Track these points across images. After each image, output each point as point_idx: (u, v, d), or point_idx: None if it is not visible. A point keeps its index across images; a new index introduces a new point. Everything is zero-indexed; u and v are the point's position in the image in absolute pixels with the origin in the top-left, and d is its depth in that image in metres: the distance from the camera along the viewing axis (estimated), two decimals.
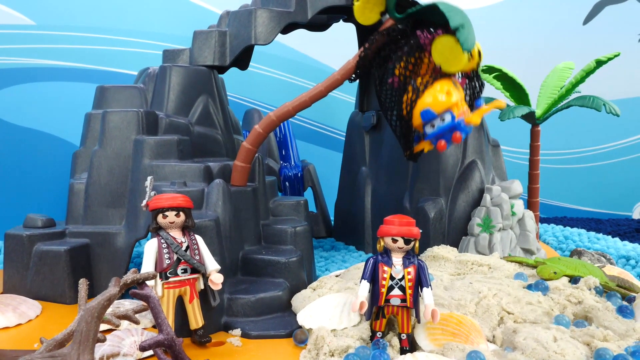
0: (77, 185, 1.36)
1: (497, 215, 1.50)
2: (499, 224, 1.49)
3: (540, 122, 1.80)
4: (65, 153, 1.99)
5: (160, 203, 0.97)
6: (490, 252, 1.49)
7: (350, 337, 0.95)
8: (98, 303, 0.67)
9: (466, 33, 0.98)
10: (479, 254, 1.46)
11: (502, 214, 1.50)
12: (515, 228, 1.54)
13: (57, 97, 2.10)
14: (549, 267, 1.25)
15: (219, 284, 1.00)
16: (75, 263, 1.24)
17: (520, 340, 0.94)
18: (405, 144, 1.19)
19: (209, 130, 1.50)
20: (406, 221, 0.95)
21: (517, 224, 1.55)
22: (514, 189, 1.54)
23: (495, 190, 1.53)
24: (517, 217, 1.53)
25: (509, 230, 1.52)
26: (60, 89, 2.11)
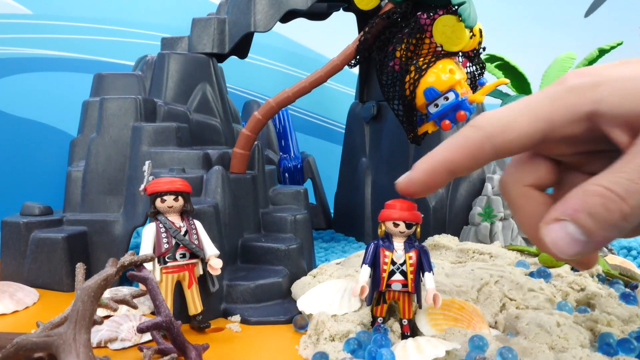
0: (74, 173, 1.35)
1: (499, 205, 1.49)
2: (500, 213, 1.48)
3: None
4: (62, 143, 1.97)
5: (159, 187, 0.96)
6: (492, 241, 1.47)
7: (351, 322, 0.94)
8: (95, 282, 0.66)
9: (468, 9, 0.97)
10: (480, 243, 1.44)
11: (504, 203, 1.49)
12: None
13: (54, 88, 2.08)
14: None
15: (218, 269, 0.99)
16: (73, 251, 1.23)
17: (523, 325, 0.93)
18: (408, 126, 1.18)
19: (208, 118, 1.49)
20: (407, 205, 0.93)
21: None
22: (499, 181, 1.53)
23: (496, 180, 1.52)
24: None
25: (510, 220, 1.51)
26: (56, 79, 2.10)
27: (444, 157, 0.63)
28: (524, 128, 0.55)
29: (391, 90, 1.20)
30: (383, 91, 1.23)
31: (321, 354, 0.85)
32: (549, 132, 0.55)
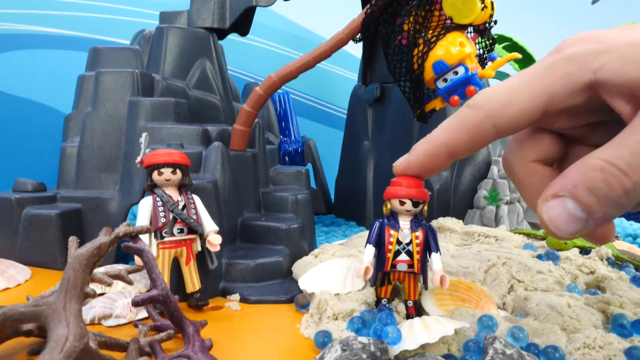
0: (69, 149, 1.30)
1: (505, 188, 1.45)
2: (506, 197, 1.45)
3: None
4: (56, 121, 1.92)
5: (156, 159, 0.92)
6: (497, 225, 1.44)
7: (354, 301, 0.90)
8: (87, 250, 0.62)
9: None
10: (485, 227, 1.41)
11: (510, 186, 1.45)
12: (522, 201, 1.50)
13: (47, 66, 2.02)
14: None
15: (217, 245, 0.95)
16: (67, 228, 1.19)
17: (533, 306, 0.90)
18: (415, 103, 1.14)
19: (207, 95, 1.44)
20: (415, 182, 0.87)
21: None
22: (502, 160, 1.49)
23: None
24: None
25: (516, 204, 1.48)
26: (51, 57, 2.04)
27: (443, 139, 0.62)
28: (524, 104, 0.53)
29: (398, 65, 1.16)
30: (389, 66, 1.19)
31: (324, 333, 0.81)
32: (549, 105, 0.53)
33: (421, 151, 0.67)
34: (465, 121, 0.58)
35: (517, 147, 0.61)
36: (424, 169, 0.69)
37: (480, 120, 0.56)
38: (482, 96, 0.57)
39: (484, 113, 0.55)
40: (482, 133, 0.56)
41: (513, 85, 0.55)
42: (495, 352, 0.71)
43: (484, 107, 0.56)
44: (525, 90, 0.54)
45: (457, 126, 0.59)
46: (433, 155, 0.64)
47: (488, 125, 0.55)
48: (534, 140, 0.59)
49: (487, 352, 0.72)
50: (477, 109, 0.56)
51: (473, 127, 0.57)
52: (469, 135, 0.58)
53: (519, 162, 0.60)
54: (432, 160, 0.65)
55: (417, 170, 0.71)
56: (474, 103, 0.57)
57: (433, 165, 0.66)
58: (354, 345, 0.71)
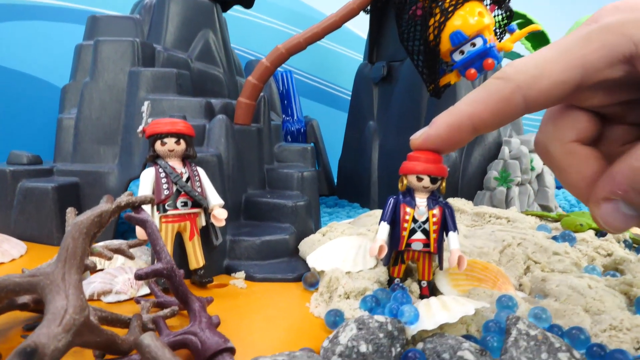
0: (66, 121, 1.25)
1: (516, 169, 1.41)
2: (517, 178, 1.41)
3: None
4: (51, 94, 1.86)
5: (159, 128, 0.87)
6: (507, 207, 1.40)
7: (366, 279, 0.86)
8: (87, 218, 0.57)
9: None
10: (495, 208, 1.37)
11: (521, 167, 1.41)
12: (534, 183, 1.46)
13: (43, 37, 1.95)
14: (575, 220, 1.17)
15: (222, 219, 0.91)
16: (63, 202, 1.14)
17: (553, 287, 0.86)
18: (429, 76, 1.09)
19: (210, 67, 1.39)
20: (433, 157, 0.80)
21: (535, 179, 1.46)
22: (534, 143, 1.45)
23: (514, 143, 1.44)
24: (536, 172, 1.45)
25: (527, 185, 1.44)
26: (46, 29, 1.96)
27: (467, 112, 0.58)
28: (558, 75, 0.50)
29: (411, 36, 1.11)
30: (401, 38, 1.14)
31: (335, 312, 0.77)
32: (584, 78, 0.50)
33: (443, 124, 0.63)
34: (492, 93, 0.54)
35: (552, 128, 0.57)
36: (445, 143, 0.65)
37: (510, 93, 0.53)
38: (512, 67, 0.54)
39: (514, 85, 0.52)
40: (511, 107, 0.53)
41: (545, 56, 0.52)
42: (518, 332, 0.68)
43: (514, 78, 0.53)
44: (558, 61, 0.50)
45: (483, 99, 0.56)
46: (455, 129, 0.61)
47: (517, 98, 0.52)
48: (570, 119, 0.56)
49: (510, 332, 0.68)
50: (507, 80, 0.53)
51: (501, 100, 0.54)
52: (496, 109, 0.55)
53: (556, 144, 0.56)
54: (454, 134, 0.62)
55: (436, 144, 0.67)
56: (503, 74, 0.54)
57: (455, 139, 0.63)
58: (370, 324, 0.67)
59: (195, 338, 0.63)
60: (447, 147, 0.68)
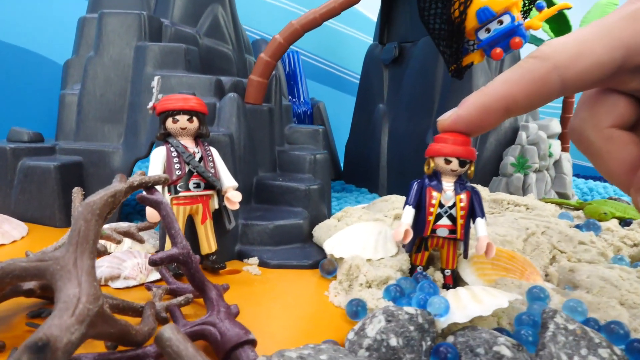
0: (68, 97, 1.19)
1: (534, 155, 1.36)
2: (535, 164, 1.36)
3: None
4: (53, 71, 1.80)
5: (171, 104, 0.82)
6: (524, 194, 1.36)
7: (389, 267, 0.82)
8: (100, 198, 0.53)
9: None
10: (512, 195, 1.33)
11: (539, 153, 1.37)
12: (551, 170, 1.42)
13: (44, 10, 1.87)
14: (598, 208, 1.12)
15: (236, 203, 0.86)
16: (66, 182, 1.09)
17: (583, 278, 0.82)
18: (451, 56, 1.04)
19: (219, 44, 1.33)
20: (462, 139, 0.76)
21: (552, 165, 1.42)
22: (553, 128, 1.41)
23: (532, 128, 1.39)
24: (553, 158, 1.40)
25: (544, 172, 1.39)
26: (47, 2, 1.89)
27: (500, 92, 0.55)
28: (599, 56, 0.48)
29: (432, 13, 1.05)
30: (422, 15, 1.08)
31: (357, 302, 0.73)
32: (627, 59, 0.47)
33: (473, 105, 0.60)
34: (528, 73, 0.52)
35: (589, 113, 0.54)
36: (475, 126, 0.62)
37: (546, 73, 0.50)
38: (549, 46, 0.51)
39: (551, 64, 0.50)
40: (547, 87, 0.51)
41: (586, 35, 0.49)
42: (556, 327, 0.64)
43: (551, 57, 0.50)
44: (599, 40, 0.48)
45: (518, 78, 0.53)
46: (487, 110, 0.58)
47: (554, 79, 0.50)
48: (609, 103, 0.53)
49: (547, 326, 0.64)
50: (543, 59, 0.51)
51: (537, 80, 0.51)
52: (531, 89, 0.52)
53: (594, 130, 0.54)
54: (485, 116, 0.59)
55: (466, 126, 0.64)
56: (540, 53, 0.51)
57: (486, 121, 0.60)
58: (400, 315, 0.63)
59: (214, 329, 0.59)
60: (477, 130, 0.65)
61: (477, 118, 0.60)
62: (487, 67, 1.46)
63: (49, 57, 1.83)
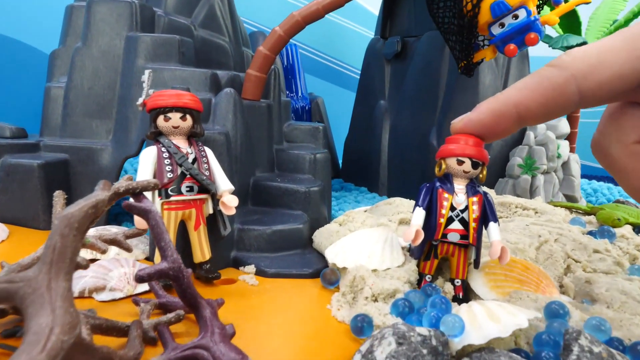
0: (54, 90, 1.13)
1: (542, 156, 1.31)
2: (543, 166, 1.31)
3: None
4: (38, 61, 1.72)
5: (162, 101, 0.76)
6: (532, 196, 1.31)
7: (396, 279, 0.76)
8: (80, 209, 0.47)
9: None
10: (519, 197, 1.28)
11: (547, 154, 1.31)
12: (559, 172, 1.36)
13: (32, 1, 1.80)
14: (611, 214, 1.07)
15: (232, 207, 0.80)
16: (51, 181, 1.03)
17: (602, 291, 0.77)
18: (461, 52, 0.98)
19: (216, 36, 1.26)
20: (474, 140, 0.72)
21: (560, 167, 1.37)
22: (561, 128, 1.35)
23: (540, 128, 1.34)
24: (562, 159, 1.35)
25: (552, 174, 1.34)
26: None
27: (514, 99, 0.54)
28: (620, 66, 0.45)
29: (441, 6, 0.99)
30: (430, 9, 1.02)
31: (363, 318, 0.67)
32: None
33: (486, 110, 0.59)
34: (544, 81, 0.50)
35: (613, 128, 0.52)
36: (487, 130, 0.62)
37: (563, 82, 0.48)
38: (569, 55, 0.49)
39: (569, 74, 0.48)
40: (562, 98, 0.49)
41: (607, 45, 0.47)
42: (581, 350, 0.58)
43: (570, 67, 0.48)
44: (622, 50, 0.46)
45: (533, 86, 0.52)
46: (499, 116, 0.57)
47: (571, 89, 0.48)
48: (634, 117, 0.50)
49: (571, 349, 0.59)
50: (561, 68, 0.48)
51: (553, 89, 0.49)
52: (545, 99, 0.50)
53: (619, 145, 0.51)
54: (497, 121, 0.58)
55: (478, 130, 0.64)
56: (559, 62, 0.49)
57: (498, 127, 0.59)
58: (412, 337, 0.57)
59: (207, 353, 0.53)
60: (489, 135, 0.65)
61: (488, 123, 0.59)
62: (495, 65, 1.41)
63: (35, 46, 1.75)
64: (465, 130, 0.67)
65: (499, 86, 1.41)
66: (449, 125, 1.56)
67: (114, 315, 0.67)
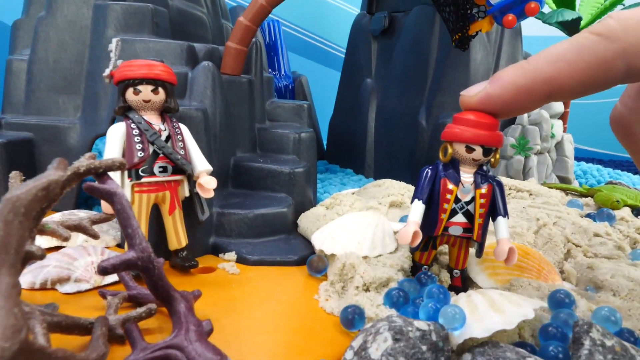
0: (16, 63, 1.04)
1: (535, 136, 1.26)
2: (537, 146, 1.26)
3: None
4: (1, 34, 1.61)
5: (132, 72, 0.68)
6: (525, 177, 1.26)
7: (389, 266, 0.71)
8: (27, 192, 0.40)
9: None
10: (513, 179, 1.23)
11: (541, 134, 1.27)
12: (552, 152, 1.32)
13: None
14: (610, 196, 1.03)
15: (210, 189, 0.73)
16: (14, 162, 0.95)
17: (607, 278, 0.73)
18: (456, 24, 0.92)
19: (192, 7, 1.18)
20: (488, 122, 0.60)
21: (554, 147, 1.32)
22: (555, 107, 1.31)
23: None
24: (555, 139, 1.30)
25: (545, 154, 1.29)
26: None
27: (548, 74, 0.45)
28: None
29: None
30: None
31: (354, 309, 0.62)
32: None
33: (510, 85, 0.50)
34: (586, 54, 0.42)
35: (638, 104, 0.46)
36: (508, 107, 0.53)
37: (611, 58, 0.40)
38: (620, 23, 0.40)
39: (620, 48, 0.40)
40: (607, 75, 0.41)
41: None
42: (592, 343, 0.54)
43: (623, 39, 0.40)
44: None
45: (572, 58, 0.43)
46: (526, 92, 0.48)
47: (619, 66, 0.40)
48: None
49: (582, 342, 0.54)
50: (611, 39, 0.41)
51: (598, 64, 0.41)
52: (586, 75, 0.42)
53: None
54: (522, 98, 0.49)
55: (497, 106, 0.54)
56: (607, 30, 0.41)
57: (522, 104, 0.50)
58: (409, 333, 0.52)
59: (181, 354, 0.47)
60: (509, 112, 0.56)
61: (511, 99, 0.51)
62: (487, 41, 1.35)
63: None
64: (481, 108, 0.56)
65: (490, 63, 1.35)
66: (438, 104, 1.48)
67: (79, 309, 0.61)
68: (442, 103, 1.37)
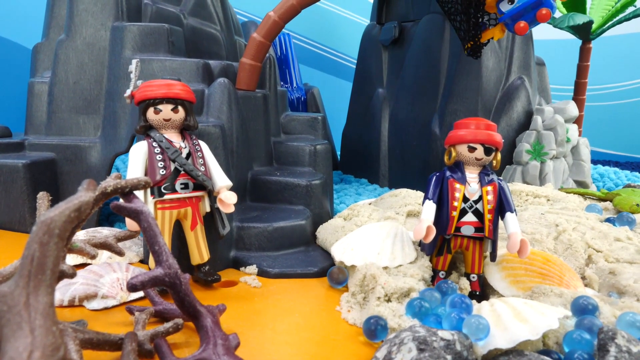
0: (38, 86, 1.06)
1: (551, 141, 1.26)
2: (552, 151, 1.26)
3: (593, 38, 1.54)
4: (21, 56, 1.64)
5: (152, 92, 0.70)
6: (542, 183, 1.26)
7: (409, 276, 0.71)
8: (61, 213, 0.41)
9: None
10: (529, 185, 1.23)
11: (556, 139, 1.26)
12: (569, 157, 1.31)
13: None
14: (629, 199, 1.02)
15: (231, 205, 0.74)
16: (37, 182, 0.97)
17: (630, 283, 0.72)
18: (467, 32, 0.93)
19: (206, 25, 1.20)
20: (485, 124, 0.71)
21: (570, 152, 1.32)
22: (570, 111, 1.30)
23: (547, 112, 1.29)
24: (571, 144, 1.30)
25: (561, 159, 1.29)
26: None
27: None
28: None
29: None
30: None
31: (377, 320, 0.62)
32: None
33: None
34: None
35: None
36: None
37: None
38: None
39: None
40: None
41: None
42: (618, 350, 0.54)
43: None
44: None
45: None
46: None
47: None
48: None
49: (607, 349, 0.54)
50: None
51: None
52: None
53: None
54: None
55: None
56: None
57: None
58: (434, 343, 0.52)
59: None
60: None
61: None
62: (498, 48, 1.35)
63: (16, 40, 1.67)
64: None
65: (502, 69, 1.35)
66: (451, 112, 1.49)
67: (107, 325, 0.62)
68: (454, 110, 1.37)
